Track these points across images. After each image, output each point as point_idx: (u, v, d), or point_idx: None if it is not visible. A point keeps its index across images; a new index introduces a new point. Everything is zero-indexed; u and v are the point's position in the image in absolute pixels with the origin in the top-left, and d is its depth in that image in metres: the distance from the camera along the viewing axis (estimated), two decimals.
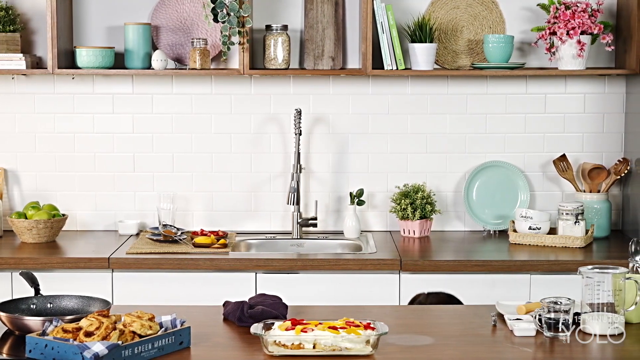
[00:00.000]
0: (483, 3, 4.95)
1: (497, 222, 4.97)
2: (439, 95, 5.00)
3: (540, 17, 4.90)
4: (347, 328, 2.99)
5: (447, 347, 3.10)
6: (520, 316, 3.29)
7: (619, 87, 4.98)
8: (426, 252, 4.62)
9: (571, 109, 5.01)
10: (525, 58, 4.98)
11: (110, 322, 2.92)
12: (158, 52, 4.80)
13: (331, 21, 4.86)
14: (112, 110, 5.00)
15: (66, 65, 4.80)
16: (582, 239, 4.64)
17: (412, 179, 4.98)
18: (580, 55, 4.69)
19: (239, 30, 4.67)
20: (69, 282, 4.35)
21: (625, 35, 4.78)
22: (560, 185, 5.03)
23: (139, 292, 4.37)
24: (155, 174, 5.03)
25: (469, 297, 4.30)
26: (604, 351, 3.06)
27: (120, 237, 4.88)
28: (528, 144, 5.02)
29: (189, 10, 4.94)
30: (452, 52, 4.97)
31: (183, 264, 4.40)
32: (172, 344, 2.97)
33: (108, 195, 5.03)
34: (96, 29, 4.96)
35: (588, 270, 3.23)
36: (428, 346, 3.09)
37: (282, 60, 4.82)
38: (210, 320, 3.36)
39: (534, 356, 3.02)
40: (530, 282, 4.39)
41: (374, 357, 2.95)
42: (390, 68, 4.76)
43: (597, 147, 5.02)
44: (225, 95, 5.00)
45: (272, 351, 2.95)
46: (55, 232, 4.73)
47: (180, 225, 4.96)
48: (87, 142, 5.01)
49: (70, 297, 3.33)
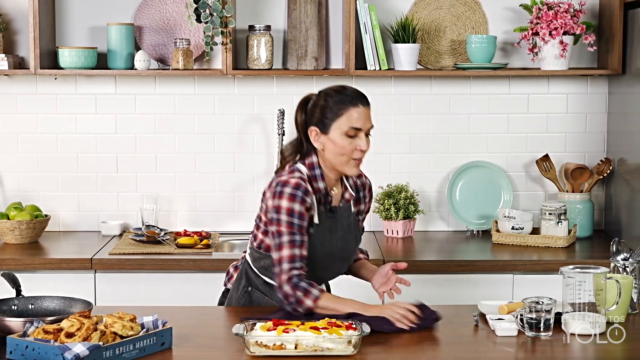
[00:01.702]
0: (466, 3, 4.95)
1: (480, 222, 4.98)
2: (422, 95, 5.00)
3: (523, 18, 4.91)
4: (329, 328, 2.99)
5: (428, 347, 3.10)
6: (502, 316, 3.30)
7: (601, 87, 4.99)
8: (409, 253, 4.63)
9: (554, 109, 5.02)
10: (508, 58, 4.99)
11: (92, 323, 2.91)
12: (141, 52, 4.79)
13: (314, 21, 4.86)
14: (95, 110, 4.99)
15: (49, 65, 4.79)
16: (564, 238, 4.65)
17: (395, 179, 4.99)
18: (563, 55, 4.70)
19: (221, 30, 4.66)
20: (52, 283, 4.33)
21: (608, 35, 4.79)
22: (543, 185, 5.05)
23: (122, 292, 4.37)
24: (138, 175, 5.02)
25: (451, 297, 4.31)
26: (586, 351, 3.07)
27: (103, 237, 4.87)
28: (511, 144, 5.03)
29: (171, 11, 4.93)
30: (435, 52, 4.98)
31: (166, 265, 4.40)
32: (153, 344, 2.97)
33: (91, 195, 5.02)
34: (79, 29, 4.95)
35: (569, 270, 3.24)
36: (410, 346, 3.09)
37: (265, 61, 4.82)
38: (193, 321, 3.36)
39: (516, 356, 3.03)
40: (513, 282, 4.40)
41: (356, 357, 2.95)
42: (374, 68, 4.76)
43: (579, 147, 5.03)
44: (208, 96, 4.99)
45: (254, 352, 2.95)
46: (37, 233, 4.72)
47: (164, 226, 4.95)
48: (69, 143, 4.99)
49: (51, 298, 3.31)
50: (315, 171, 3.41)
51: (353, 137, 3.34)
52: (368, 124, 3.36)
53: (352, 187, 3.54)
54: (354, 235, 3.54)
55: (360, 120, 3.34)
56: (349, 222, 3.50)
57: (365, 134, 3.36)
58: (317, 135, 3.37)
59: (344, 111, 3.33)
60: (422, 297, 4.30)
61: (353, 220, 3.54)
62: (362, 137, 3.35)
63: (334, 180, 3.46)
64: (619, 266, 3.45)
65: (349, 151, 3.35)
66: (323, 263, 3.45)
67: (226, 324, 3.29)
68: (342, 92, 3.37)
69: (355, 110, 3.33)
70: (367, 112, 3.36)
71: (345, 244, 3.49)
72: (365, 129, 3.35)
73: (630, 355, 3.05)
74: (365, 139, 3.36)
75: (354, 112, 3.33)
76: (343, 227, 3.48)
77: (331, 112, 3.34)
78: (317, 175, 3.41)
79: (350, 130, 3.33)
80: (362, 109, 3.34)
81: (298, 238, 3.31)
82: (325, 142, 3.37)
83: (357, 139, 3.35)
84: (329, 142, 3.36)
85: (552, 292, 3.53)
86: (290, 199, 3.31)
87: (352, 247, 3.55)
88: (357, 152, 3.36)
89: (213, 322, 3.35)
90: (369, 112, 3.37)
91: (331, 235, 3.44)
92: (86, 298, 3.47)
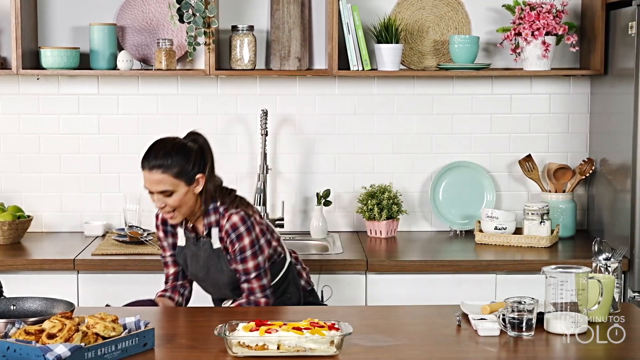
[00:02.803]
0: (449, 4, 4.96)
1: (463, 222, 4.99)
2: (405, 95, 5.01)
3: (505, 18, 4.92)
4: (312, 329, 2.99)
5: (411, 347, 3.11)
6: (485, 316, 3.30)
7: (583, 87, 5.01)
8: (393, 253, 4.63)
9: (536, 110, 5.03)
10: (491, 59, 5.00)
11: (73, 324, 2.91)
12: (124, 52, 4.78)
13: (297, 22, 4.86)
14: (78, 111, 4.97)
15: (31, 65, 4.77)
16: (547, 238, 4.66)
17: (378, 180, 4.99)
18: (545, 55, 4.71)
19: (204, 30, 4.66)
20: (34, 284, 4.32)
21: (590, 36, 4.81)
22: (526, 186, 5.06)
23: (105, 293, 4.35)
24: (121, 175, 5.01)
25: (434, 297, 4.31)
26: (567, 350, 3.08)
27: (86, 238, 4.86)
28: (494, 144, 5.04)
29: (154, 11, 4.92)
30: (418, 52, 4.98)
31: (149, 265, 4.39)
32: (135, 345, 2.96)
33: (74, 196, 5.01)
34: (61, 29, 4.93)
35: (551, 270, 3.25)
36: (392, 346, 3.10)
37: (248, 61, 4.81)
38: (175, 321, 3.35)
39: (498, 356, 3.04)
40: (496, 282, 4.41)
41: (338, 357, 2.95)
42: (356, 69, 4.77)
43: (562, 148, 5.05)
44: (191, 96, 4.98)
45: (236, 352, 2.95)
46: (20, 234, 4.70)
47: (147, 227, 4.92)
48: (52, 143, 4.98)
49: (33, 299, 3.31)
50: None
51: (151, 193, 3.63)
52: (155, 187, 3.60)
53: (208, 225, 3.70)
54: (220, 268, 3.71)
55: (147, 183, 3.61)
56: (209, 254, 3.71)
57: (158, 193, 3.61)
58: None
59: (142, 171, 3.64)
60: (405, 297, 4.34)
61: (218, 254, 3.70)
62: (155, 196, 3.61)
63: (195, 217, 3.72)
64: (601, 266, 3.46)
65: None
66: (198, 282, 3.84)
67: (209, 324, 3.28)
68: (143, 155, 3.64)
69: (145, 172, 3.61)
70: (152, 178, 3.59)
71: (207, 271, 3.74)
72: (155, 191, 3.61)
73: (611, 354, 3.06)
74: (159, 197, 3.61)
75: (145, 174, 3.61)
76: (204, 257, 3.72)
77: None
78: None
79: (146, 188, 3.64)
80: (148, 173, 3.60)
81: (162, 260, 3.87)
82: None
83: (153, 196, 3.63)
84: None
85: (535, 292, 3.54)
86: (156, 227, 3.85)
87: (218, 278, 3.74)
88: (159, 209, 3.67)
89: (196, 323, 3.35)
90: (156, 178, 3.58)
91: (196, 259, 3.75)
92: (69, 299, 3.46)
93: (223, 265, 3.69)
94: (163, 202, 3.59)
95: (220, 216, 3.66)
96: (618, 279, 3.44)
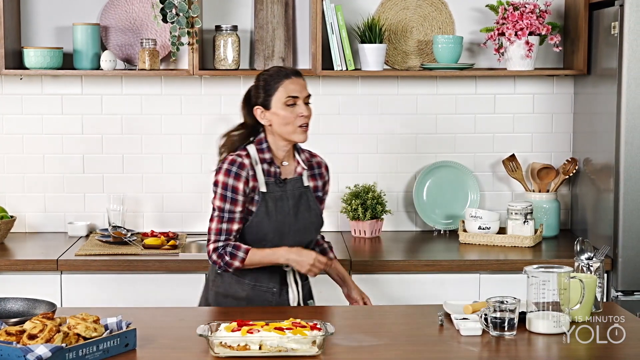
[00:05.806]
0: (432, 4, 4.97)
1: (447, 222, 5.00)
2: (389, 95, 5.01)
3: (489, 18, 4.93)
4: (294, 329, 2.99)
5: (393, 347, 3.11)
6: (467, 316, 3.31)
7: (567, 87, 5.02)
8: (377, 253, 4.63)
9: (520, 109, 5.04)
10: (475, 59, 5.00)
11: (55, 325, 2.90)
12: (107, 52, 4.77)
13: (281, 22, 4.86)
14: (61, 111, 4.96)
15: (14, 65, 4.75)
16: (531, 238, 4.67)
17: (362, 179, 4.99)
18: (529, 55, 4.72)
19: (188, 30, 4.65)
20: (18, 285, 4.31)
21: (573, 36, 4.82)
22: (510, 185, 5.07)
23: (89, 294, 4.34)
24: (105, 175, 5.00)
25: (418, 297, 4.32)
26: (549, 349, 3.09)
27: (70, 238, 4.85)
28: (478, 144, 5.05)
29: (138, 11, 4.91)
30: (402, 52, 4.99)
31: (132, 266, 4.38)
32: (117, 346, 2.96)
33: (57, 196, 4.99)
34: (44, 29, 4.92)
35: (533, 269, 3.25)
36: (374, 346, 3.10)
37: (232, 61, 4.81)
38: (157, 322, 3.35)
39: (480, 355, 3.04)
40: (479, 282, 4.41)
41: (320, 357, 2.95)
42: (340, 69, 4.77)
43: (546, 147, 5.06)
44: (175, 96, 4.98)
45: (218, 352, 2.94)
46: (3, 234, 4.69)
47: (131, 227, 4.93)
48: (35, 143, 4.97)
49: (15, 299, 3.30)
50: (262, 145, 3.73)
51: (292, 105, 3.68)
52: (304, 92, 3.71)
53: (304, 162, 3.83)
54: (309, 207, 3.80)
55: (296, 89, 3.69)
56: (300, 193, 3.78)
57: (304, 102, 3.70)
58: (262, 113, 3.71)
59: (280, 84, 3.69)
60: (388, 297, 4.34)
61: (308, 194, 3.80)
62: (301, 105, 3.69)
63: (285, 153, 3.78)
64: (583, 265, 3.47)
65: (292, 119, 3.67)
66: (278, 230, 3.72)
67: (191, 325, 3.27)
68: (276, 70, 3.74)
69: (289, 81, 3.69)
70: (301, 82, 3.72)
71: (297, 212, 3.76)
72: (302, 97, 3.69)
73: (592, 354, 3.07)
74: (305, 106, 3.69)
75: (289, 84, 3.68)
76: (294, 196, 3.76)
77: (269, 88, 3.69)
78: (264, 148, 3.73)
79: (288, 99, 3.67)
80: (296, 79, 3.71)
81: (227, 213, 3.66)
82: (270, 117, 3.70)
83: (297, 107, 3.68)
84: (274, 116, 3.69)
85: (518, 291, 3.54)
86: (226, 174, 3.68)
87: (307, 219, 3.79)
88: (300, 119, 3.68)
89: (178, 323, 3.35)
90: (304, 83, 3.73)
91: (282, 202, 3.73)
92: (52, 300, 3.47)
93: (312, 203, 3.80)
94: (309, 110, 3.70)
95: (308, 154, 3.87)
96: (600, 279, 3.45)
